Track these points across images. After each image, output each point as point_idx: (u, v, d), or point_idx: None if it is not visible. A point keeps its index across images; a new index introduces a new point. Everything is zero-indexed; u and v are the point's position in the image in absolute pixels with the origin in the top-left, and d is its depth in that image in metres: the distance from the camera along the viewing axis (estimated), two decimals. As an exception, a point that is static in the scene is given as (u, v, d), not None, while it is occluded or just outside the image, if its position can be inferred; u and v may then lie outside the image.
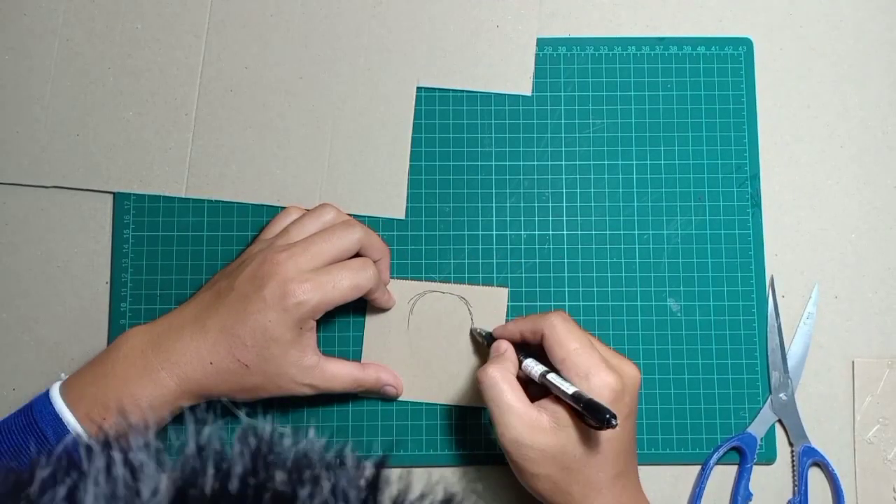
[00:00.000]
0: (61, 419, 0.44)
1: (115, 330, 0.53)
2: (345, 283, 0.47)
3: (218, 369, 0.46)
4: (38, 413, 0.45)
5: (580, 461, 0.44)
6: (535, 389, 0.47)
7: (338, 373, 0.49)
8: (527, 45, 0.56)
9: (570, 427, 0.44)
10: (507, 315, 0.54)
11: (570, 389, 0.44)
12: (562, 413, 0.45)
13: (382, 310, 0.53)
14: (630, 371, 0.46)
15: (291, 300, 0.45)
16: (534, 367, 0.47)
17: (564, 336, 0.46)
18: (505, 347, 0.49)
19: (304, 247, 0.47)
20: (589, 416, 0.42)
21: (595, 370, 0.45)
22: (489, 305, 0.54)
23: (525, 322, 0.49)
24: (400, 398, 0.53)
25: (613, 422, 0.41)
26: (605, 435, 0.44)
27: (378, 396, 0.53)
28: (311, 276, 0.46)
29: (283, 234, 0.50)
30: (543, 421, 0.45)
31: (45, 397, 0.45)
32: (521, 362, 0.48)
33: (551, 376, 0.46)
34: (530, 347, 0.49)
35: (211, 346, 0.46)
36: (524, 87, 0.56)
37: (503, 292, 0.54)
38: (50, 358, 0.53)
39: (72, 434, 0.44)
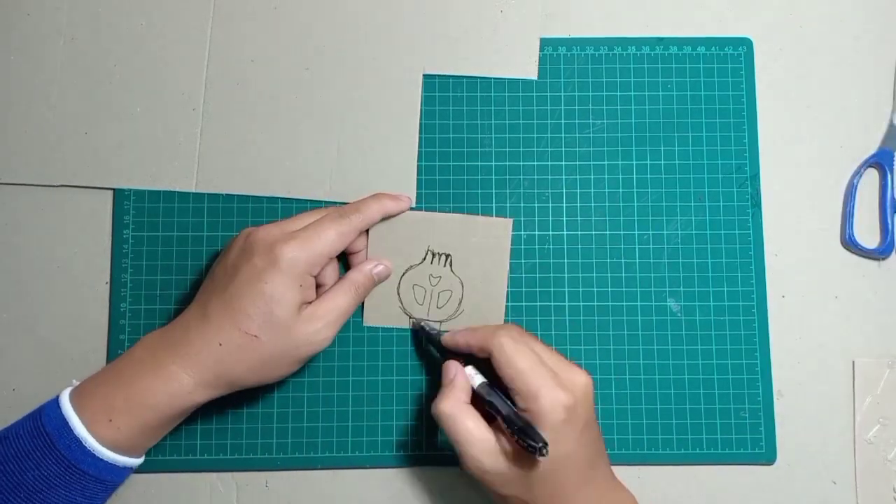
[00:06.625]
0: (67, 423, 0.44)
1: (115, 330, 0.53)
2: (330, 233, 0.48)
3: (229, 349, 0.46)
4: (45, 417, 0.45)
5: (542, 478, 0.44)
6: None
7: (336, 301, 0.49)
8: (531, 29, 0.56)
9: None
10: (512, 247, 0.54)
11: (504, 410, 0.44)
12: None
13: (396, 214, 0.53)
14: (580, 380, 0.46)
15: (282, 260, 0.46)
16: (473, 377, 0.48)
17: (512, 355, 0.46)
18: (454, 372, 0.48)
19: (285, 219, 0.50)
20: (521, 441, 0.42)
21: (545, 390, 0.44)
22: (492, 237, 0.54)
23: (474, 337, 0.49)
24: (406, 326, 0.54)
25: (544, 451, 0.41)
26: (563, 450, 0.44)
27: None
28: (294, 234, 0.48)
29: None
30: (502, 443, 0.45)
31: (55, 402, 0.45)
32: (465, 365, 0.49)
33: (487, 391, 0.46)
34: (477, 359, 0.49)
35: (216, 328, 0.46)
36: (530, 72, 0.56)
37: (508, 223, 0.54)
38: (50, 358, 0.53)
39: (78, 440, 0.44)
